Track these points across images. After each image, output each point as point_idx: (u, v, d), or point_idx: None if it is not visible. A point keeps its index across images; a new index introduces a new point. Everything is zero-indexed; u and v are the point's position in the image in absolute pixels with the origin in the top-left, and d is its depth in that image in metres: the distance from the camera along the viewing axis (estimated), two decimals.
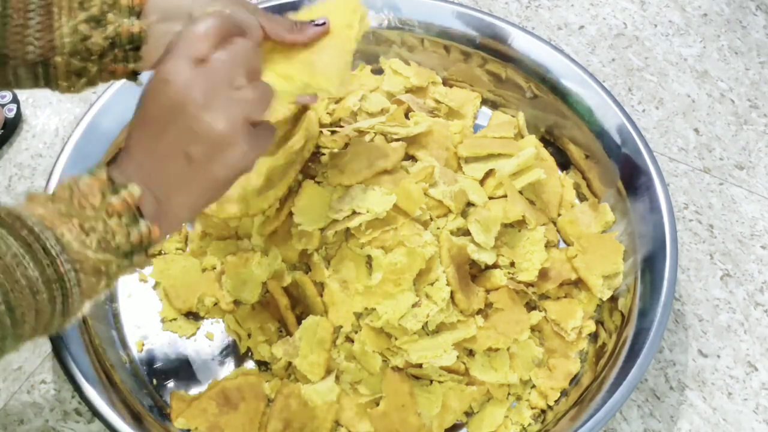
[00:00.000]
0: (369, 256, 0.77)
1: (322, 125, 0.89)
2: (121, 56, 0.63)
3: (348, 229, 0.77)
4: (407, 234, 0.76)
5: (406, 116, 0.89)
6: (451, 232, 0.80)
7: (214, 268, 0.85)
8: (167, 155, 0.56)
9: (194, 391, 0.80)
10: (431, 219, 0.79)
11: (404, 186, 0.77)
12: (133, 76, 0.65)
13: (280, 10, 0.94)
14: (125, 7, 0.61)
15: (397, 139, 0.84)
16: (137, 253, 0.54)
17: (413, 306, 0.75)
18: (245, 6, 0.66)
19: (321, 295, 0.79)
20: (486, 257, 0.79)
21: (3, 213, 0.49)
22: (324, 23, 0.68)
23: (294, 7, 0.94)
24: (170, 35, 0.62)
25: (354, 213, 0.76)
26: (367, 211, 0.75)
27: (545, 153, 0.93)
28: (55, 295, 0.49)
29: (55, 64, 0.61)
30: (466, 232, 0.80)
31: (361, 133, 0.85)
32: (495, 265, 0.81)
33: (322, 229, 0.78)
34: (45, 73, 0.62)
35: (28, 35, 0.60)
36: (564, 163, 0.93)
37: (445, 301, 0.76)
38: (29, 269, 0.48)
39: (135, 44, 0.62)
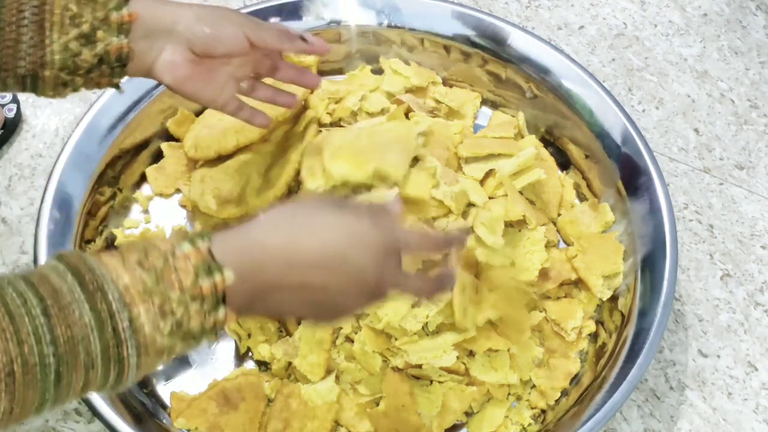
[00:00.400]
0: None
1: (322, 125, 0.89)
2: (108, 72, 0.64)
3: None
4: None
5: (406, 116, 0.89)
6: None
7: None
8: (298, 284, 0.54)
9: (194, 391, 0.80)
10: (433, 219, 0.80)
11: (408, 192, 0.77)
12: (116, 85, 0.67)
13: (279, 10, 0.94)
14: (115, 24, 0.62)
15: None
16: (205, 336, 0.51)
17: (413, 306, 0.75)
18: (233, 18, 0.67)
19: None
20: (494, 259, 0.79)
21: (89, 276, 0.47)
22: (307, 41, 0.69)
23: (294, 8, 0.94)
24: (151, 51, 0.65)
25: None
26: None
27: (545, 153, 0.92)
28: (110, 373, 0.48)
29: (43, 78, 0.62)
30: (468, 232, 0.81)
31: None
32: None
33: None
34: (33, 84, 0.63)
35: (20, 50, 0.60)
36: (564, 163, 0.93)
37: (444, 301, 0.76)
38: (93, 345, 0.46)
39: (122, 62, 0.64)
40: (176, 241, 0.50)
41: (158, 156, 0.92)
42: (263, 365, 0.82)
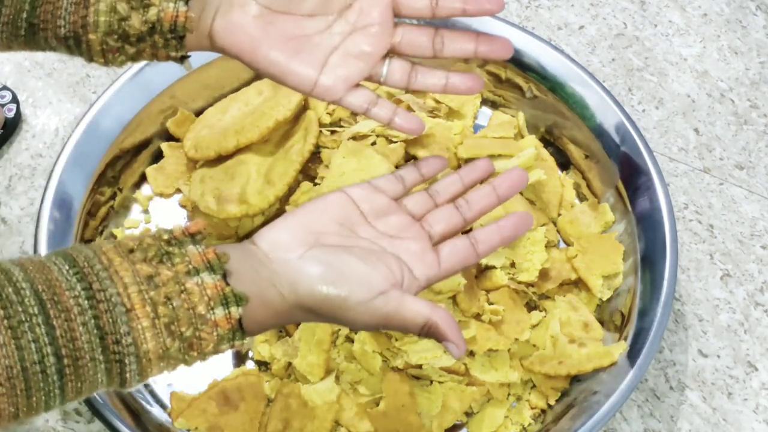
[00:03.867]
0: None
1: (322, 125, 0.89)
2: (162, 43, 0.55)
3: None
4: None
5: None
6: None
7: None
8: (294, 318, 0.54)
9: (194, 391, 0.80)
10: None
11: None
12: (180, 59, 0.57)
13: None
14: None
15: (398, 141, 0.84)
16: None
17: None
18: None
19: None
20: (494, 260, 0.79)
21: (111, 337, 0.45)
22: None
23: None
24: (207, 13, 0.56)
25: None
26: None
27: (545, 153, 0.92)
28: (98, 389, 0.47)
29: (88, 42, 0.54)
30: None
31: (362, 136, 0.85)
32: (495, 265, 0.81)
33: None
34: (78, 48, 0.55)
35: (60, 7, 0.53)
36: (564, 163, 0.93)
37: (445, 300, 0.76)
38: (99, 373, 0.45)
39: (177, 33, 0.54)
40: (213, 299, 0.47)
41: (158, 156, 0.92)
42: (263, 365, 0.82)
